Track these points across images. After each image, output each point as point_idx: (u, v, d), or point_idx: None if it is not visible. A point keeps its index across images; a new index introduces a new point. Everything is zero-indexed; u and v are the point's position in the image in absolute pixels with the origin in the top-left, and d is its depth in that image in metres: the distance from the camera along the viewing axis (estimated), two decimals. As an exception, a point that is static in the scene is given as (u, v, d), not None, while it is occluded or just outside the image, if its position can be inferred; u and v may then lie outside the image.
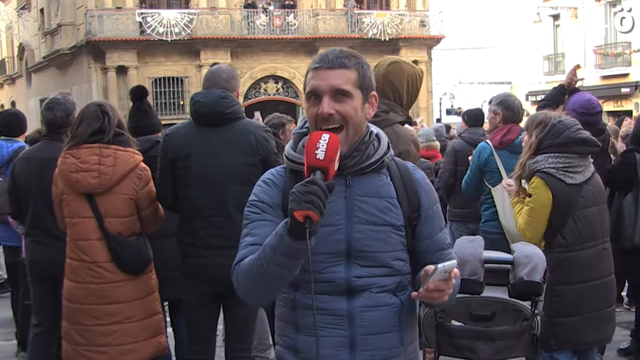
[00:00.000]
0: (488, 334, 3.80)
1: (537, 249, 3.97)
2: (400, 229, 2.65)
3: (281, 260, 2.40)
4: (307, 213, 2.28)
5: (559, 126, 4.71)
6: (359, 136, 2.64)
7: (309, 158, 2.38)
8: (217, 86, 4.79)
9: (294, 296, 2.63)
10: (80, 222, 4.75)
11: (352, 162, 2.61)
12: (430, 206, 2.75)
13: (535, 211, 4.69)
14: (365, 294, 2.60)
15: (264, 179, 2.73)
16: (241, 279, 2.56)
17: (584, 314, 4.65)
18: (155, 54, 34.38)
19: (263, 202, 2.65)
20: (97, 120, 4.73)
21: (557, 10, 38.77)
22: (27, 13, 43.29)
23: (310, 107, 2.62)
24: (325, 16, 36.13)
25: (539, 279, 3.71)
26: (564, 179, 4.61)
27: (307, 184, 2.31)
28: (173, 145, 4.73)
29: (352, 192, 2.62)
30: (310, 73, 2.64)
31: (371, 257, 2.60)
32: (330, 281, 2.58)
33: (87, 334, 4.72)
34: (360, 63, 2.65)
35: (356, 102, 2.60)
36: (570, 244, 4.65)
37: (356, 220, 2.60)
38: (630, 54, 34.75)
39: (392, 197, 2.66)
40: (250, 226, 2.63)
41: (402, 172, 2.75)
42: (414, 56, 37.73)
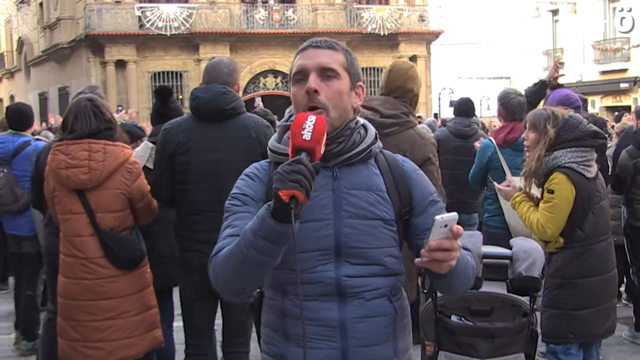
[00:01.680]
0: (487, 331, 3.80)
1: (535, 244, 3.97)
2: (391, 224, 2.52)
3: (262, 245, 2.24)
4: (293, 192, 2.14)
5: (572, 121, 4.76)
6: (343, 121, 2.53)
7: (294, 139, 2.25)
8: (218, 80, 4.76)
9: (282, 303, 2.49)
10: (72, 218, 4.74)
11: (338, 148, 2.50)
12: (424, 198, 2.60)
13: (559, 207, 4.70)
14: (358, 301, 2.45)
15: (247, 172, 2.63)
16: (218, 269, 2.41)
17: (595, 307, 4.72)
18: (154, 49, 34.36)
19: (246, 195, 2.54)
20: (95, 117, 4.72)
21: (556, 5, 38.75)
22: (26, 7, 43.30)
23: (297, 90, 2.52)
24: (324, 11, 36.11)
25: (537, 274, 3.71)
26: (585, 173, 4.68)
27: (293, 163, 2.18)
28: (172, 140, 4.70)
29: (339, 185, 2.49)
30: (298, 56, 2.56)
31: (362, 253, 2.47)
32: (319, 281, 2.43)
33: (82, 330, 4.71)
34: (348, 51, 2.58)
35: (343, 84, 2.51)
36: (590, 237, 4.72)
37: (345, 214, 2.47)
38: (629, 49, 34.73)
39: (381, 190, 2.54)
40: (230, 218, 2.51)
41: (391, 164, 2.63)
42: (413, 51, 37.80)
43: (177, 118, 4.98)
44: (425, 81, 38.97)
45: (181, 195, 4.73)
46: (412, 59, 37.87)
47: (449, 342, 3.87)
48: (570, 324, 4.69)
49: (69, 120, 4.75)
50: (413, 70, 4.91)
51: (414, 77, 4.85)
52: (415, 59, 38.22)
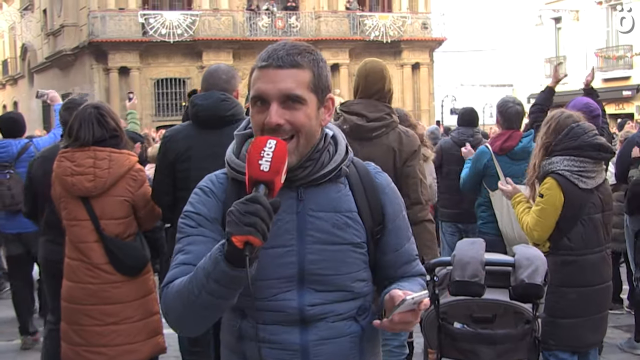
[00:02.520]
0: (490, 337, 3.79)
1: (538, 251, 3.96)
2: (361, 246, 2.31)
3: (215, 289, 2.03)
4: (248, 238, 1.93)
5: (577, 130, 4.74)
6: (312, 145, 2.26)
7: (251, 169, 2.01)
8: (216, 87, 4.76)
9: (240, 325, 2.28)
10: (77, 225, 4.75)
11: (305, 172, 2.26)
12: (397, 215, 2.43)
13: (546, 212, 4.74)
14: (321, 323, 2.26)
15: (201, 186, 2.39)
16: (169, 305, 2.19)
17: (584, 317, 4.72)
18: (157, 55, 34.44)
19: (199, 214, 2.30)
20: (100, 125, 4.73)
21: (558, 13, 38.79)
22: (29, 14, 43.42)
23: (255, 114, 2.23)
24: (327, 18, 36.17)
25: (540, 281, 3.70)
26: (577, 183, 4.66)
27: (248, 203, 1.95)
28: (173, 148, 4.71)
29: (304, 207, 2.26)
30: (256, 72, 2.25)
31: (328, 280, 2.25)
32: (281, 310, 2.23)
33: (85, 335, 4.72)
34: (316, 60, 2.27)
35: (310, 109, 2.22)
36: (576, 248, 4.71)
37: (309, 239, 2.24)
38: (631, 57, 34.76)
39: (351, 211, 2.31)
40: (183, 241, 2.28)
41: (363, 177, 2.40)
42: (415, 58, 37.87)
43: (177, 125, 4.99)
44: (428, 89, 39.06)
45: (182, 202, 4.72)
46: (415, 67, 37.98)
47: (451, 349, 3.86)
48: (553, 331, 4.68)
49: (74, 127, 4.76)
50: (387, 70, 4.97)
51: (389, 77, 4.95)
52: (418, 67, 38.30)
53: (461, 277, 3.72)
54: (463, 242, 4.08)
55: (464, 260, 3.77)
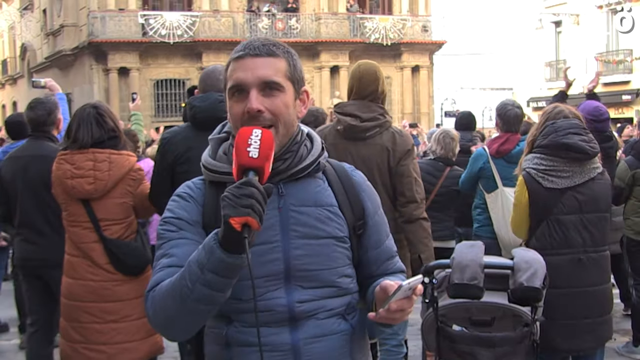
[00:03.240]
0: (488, 340, 3.79)
1: (537, 254, 3.96)
2: (344, 241, 2.32)
3: (211, 279, 2.01)
4: (247, 219, 1.92)
5: (550, 128, 4.70)
6: (290, 136, 2.29)
7: (240, 157, 2.02)
8: (213, 88, 4.75)
9: (226, 331, 2.24)
10: (77, 227, 4.76)
11: (284, 165, 2.26)
12: (375, 211, 2.44)
13: (516, 208, 4.79)
14: (311, 321, 2.24)
15: (179, 192, 2.38)
16: (158, 306, 2.16)
17: (550, 320, 4.51)
18: (157, 56, 34.44)
19: (180, 218, 2.28)
20: (98, 126, 4.72)
21: (559, 16, 38.82)
22: (29, 13, 43.41)
23: (234, 105, 2.25)
24: (327, 20, 36.18)
25: (538, 284, 3.70)
26: (542, 182, 4.61)
27: (243, 186, 1.96)
28: (171, 150, 4.69)
29: (286, 202, 2.26)
30: (232, 64, 2.28)
31: (314, 276, 2.25)
32: (270, 310, 2.20)
33: (84, 332, 4.72)
34: (290, 52, 2.31)
35: (288, 97, 2.25)
36: (541, 248, 4.53)
37: (293, 235, 2.24)
38: (631, 61, 34.78)
39: (332, 205, 2.32)
40: (165, 246, 2.24)
41: (340, 175, 2.41)
42: (415, 61, 37.89)
43: (175, 127, 4.98)
44: (428, 91, 39.08)
45: None
46: (414, 69, 38.00)
47: (450, 352, 3.86)
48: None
49: (73, 127, 4.76)
50: (380, 71, 5.03)
51: (383, 78, 5.01)
52: (418, 69, 38.32)
53: (460, 280, 3.72)
54: (462, 244, 4.08)
55: (463, 263, 3.77)
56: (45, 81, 7.16)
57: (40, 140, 5.52)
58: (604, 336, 4.82)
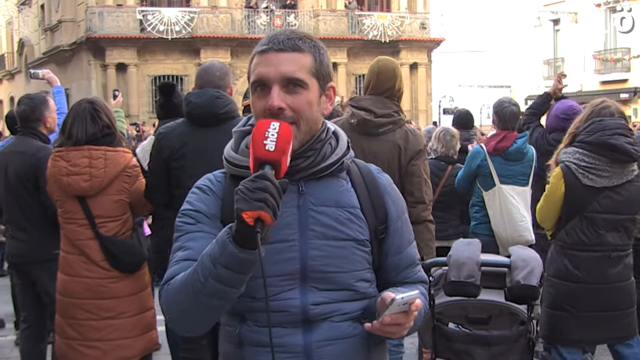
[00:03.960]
0: (484, 339, 3.79)
1: (534, 252, 3.96)
2: (364, 244, 2.23)
3: (223, 274, 1.97)
4: (259, 214, 1.87)
5: (597, 125, 4.67)
6: (314, 134, 2.21)
7: (256, 149, 1.96)
8: (210, 84, 4.74)
9: (239, 330, 2.19)
10: (73, 224, 4.75)
11: (306, 162, 2.19)
12: (399, 216, 2.35)
13: (548, 199, 4.77)
14: (326, 324, 2.17)
15: (199, 185, 2.31)
16: (171, 300, 2.12)
17: (570, 312, 4.67)
18: (155, 52, 34.42)
19: (198, 211, 2.23)
20: (93, 121, 4.71)
21: (557, 14, 38.84)
22: (27, 8, 43.34)
23: (257, 100, 2.18)
24: (325, 17, 36.17)
25: (535, 282, 3.70)
26: (581, 178, 4.61)
27: (257, 179, 1.90)
28: (167, 146, 4.68)
29: (306, 201, 2.19)
30: (256, 58, 2.19)
31: (331, 278, 2.18)
32: (283, 310, 2.14)
33: (80, 329, 4.71)
34: (317, 46, 2.24)
35: (311, 94, 2.17)
36: (571, 242, 4.68)
37: (312, 234, 2.17)
38: (629, 59, 34.82)
39: (354, 207, 2.24)
40: (182, 239, 2.21)
41: (365, 176, 2.33)
42: (414, 58, 37.88)
43: (171, 123, 4.96)
44: (426, 89, 39.09)
45: (177, 200, 4.70)
46: (413, 67, 37.99)
47: (446, 350, 3.86)
48: (545, 320, 4.75)
49: (68, 123, 4.75)
50: (399, 69, 4.99)
51: (401, 76, 4.96)
52: (416, 67, 38.31)
53: (457, 278, 3.72)
54: (459, 242, 4.08)
55: (459, 261, 3.77)
56: (43, 73, 7.07)
57: (25, 136, 5.50)
58: (623, 329, 4.85)
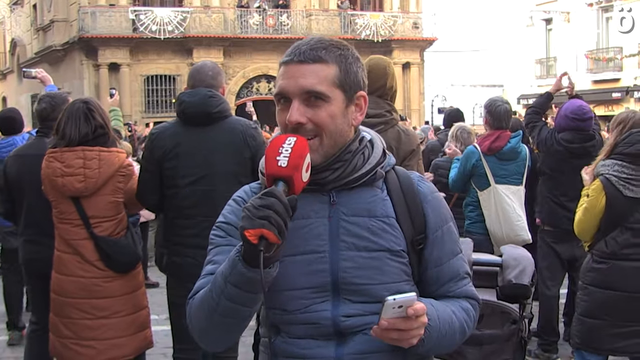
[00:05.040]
0: (476, 338, 3.79)
1: (525, 251, 3.97)
2: (400, 255, 2.15)
3: (233, 293, 1.95)
4: (262, 232, 1.83)
5: (635, 136, 4.70)
6: (341, 146, 2.14)
7: (268, 165, 1.94)
8: (203, 83, 4.75)
9: (274, 340, 2.16)
10: (67, 224, 4.75)
11: (334, 175, 2.14)
12: (439, 226, 2.24)
13: (588, 212, 4.77)
14: (359, 337, 2.11)
15: (235, 197, 2.26)
16: (193, 316, 2.13)
17: (608, 320, 4.71)
18: (147, 52, 34.32)
19: (229, 223, 2.18)
20: (86, 121, 4.70)
21: (549, 14, 38.87)
22: (19, 8, 43.19)
23: (279, 113, 2.14)
24: (318, 17, 36.14)
25: (527, 281, 3.71)
26: (622, 190, 4.63)
27: (263, 197, 1.87)
28: (160, 145, 4.68)
29: (337, 211, 2.13)
30: (281, 69, 2.15)
31: (365, 290, 2.11)
32: (314, 322, 2.10)
33: (74, 328, 4.73)
34: (344, 55, 2.17)
35: (334, 107, 2.10)
36: (611, 252, 4.72)
37: (343, 245, 2.11)
38: (621, 59, 34.86)
39: (388, 216, 2.16)
40: (212, 252, 2.19)
41: (404, 183, 2.24)
42: (406, 58, 37.88)
43: (164, 123, 4.97)
44: (419, 88, 39.08)
45: (170, 200, 4.72)
46: (405, 66, 37.98)
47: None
48: (579, 329, 4.80)
49: (61, 123, 4.74)
50: (391, 67, 4.91)
51: (393, 74, 4.88)
52: (408, 66, 38.31)
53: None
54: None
55: (451, 260, 3.77)
56: (36, 72, 7.05)
57: (46, 137, 5.41)
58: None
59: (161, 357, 6.59)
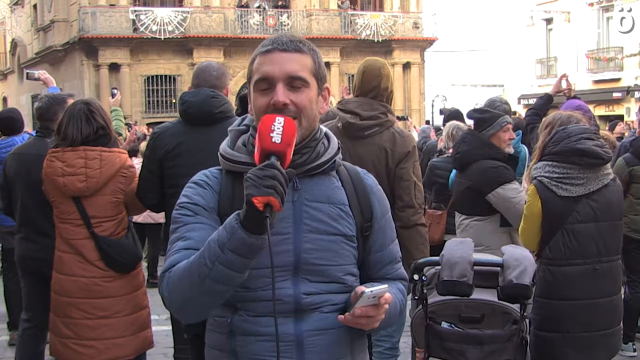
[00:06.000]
0: (477, 338, 3.79)
1: (526, 251, 3.96)
2: (352, 240, 2.37)
3: (232, 259, 2.07)
4: (269, 199, 1.99)
5: (561, 134, 4.56)
6: (311, 131, 2.35)
7: (263, 141, 2.09)
8: (207, 84, 4.75)
9: (231, 320, 2.28)
10: (68, 223, 4.75)
11: (302, 159, 2.31)
12: (383, 215, 2.49)
13: (528, 219, 4.62)
14: (315, 314, 2.29)
15: (195, 179, 2.42)
16: (173, 287, 2.21)
17: (561, 333, 4.48)
18: (148, 52, 34.35)
19: (196, 204, 2.32)
20: (88, 122, 4.70)
21: (550, 14, 38.86)
22: (20, 9, 43.23)
23: (259, 97, 2.31)
24: (318, 16, 36.15)
25: (528, 282, 3.71)
26: (556, 190, 4.47)
27: (266, 168, 2.03)
28: (161, 145, 4.69)
29: (300, 197, 2.31)
30: (259, 58, 2.34)
31: (322, 271, 2.30)
32: (277, 299, 2.19)
33: (75, 328, 4.73)
34: (314, 50, 2.39)
35: (312, 92, 2.33)
36: (555, 258, 4.50)
37: (305, 228, 2.29)
38: (622, 58, 34.86)
39: (343, 204, 2.37)
40: (181, 229, 2.30)
41: (353, 177, 2.47)
42: (407, 58, 37.90)
43: (166, 122, 4.97)
44: (419, 88, 39.10)
45: (170, 199, 4.71)
46: (405, 66, 38.01)
47: (439, 349, 3.86)
48: (536, 344, 4.51)
49: (63, 124, 4.75)
50: (386, 68, 4.90)
51: (388, 75, 4.87)
52: (409, 66, 38.33)
53: (449, 277, 3.72)
54: (452, 241, 4.08)
55: (452, 260, 3.77)
56: (39, 73, 7.09)
57: (45, 138, 5.43)
58: (615, 347, 4.71)
59: (162, 357, 6.60)
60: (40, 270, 5.35)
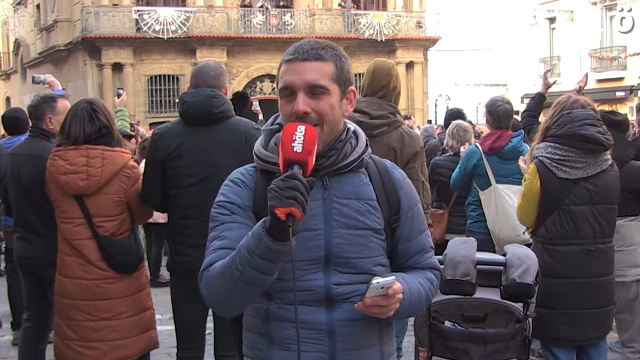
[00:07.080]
0: (480, 337, 3.80)
1: (529, 250, 3.98)
2: (380, 233, 2.50)
3: (259, 264, 2.21)
4: (290, 210, 2.11)
5: (565, 117, 4.65)
6: (335, 134, 2.47)
7: (285, 151, 2.20)
8: (205, 83, 4.75)
9: (267, 306, 2.44)
10: (70, 223, 4.75)
11: (329, 161, 2.44)
12: (411, 208, 2.59)
13: (525, 196, 4.75)
14: (346, 305, 2.41)
15: (232, 178, 2.54)
16: (211, 286, 2.37)
17: (556, 309, 4.60)
18: (151, 52, 34.37)
19: (233, 202, 2.46)
20: (91, 122, 4.71)
21: (553, 13, 38.86)
22: (23, 8, 43.27)
23: (284, 104, 2.43)
24: (321, 16, 36.15)
25: (531, 280, 3.72)
26: (555, 172, 4.58)
27: (287, 179, 2.14)
28: (162, 145, 4.69)
29: (330, 194, 2.45)
30: (284, 66, 2.45)
31: (352, 263, 2.43)
32: (309, 289, 2.39)
33: (78, 330, 4.73)
34: (338, 55, 2.48)
35: (333, 99, 2.42)
36: (551, 237, 4.64)
37: (335, 224, 2.43)
38: (625, 57, 34.85)
39: (372, 199, 2.50)
40: (218, 229, 2.45)
41: (381, 171, 2.59)
42: (410, 57, 37.88)
43: (167, 123, 4.97)
44: (422, 88, 39.08)
45: (173, 200, 4.72)
46: (409, 65, 37.99)
47: (442, 348, 3.87)
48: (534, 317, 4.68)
49: (66, 123, 4.77)
50: (395, 69, 4.96)
51: (397, 75, 4.93)
52: (412, 65, 38.31)
53: (452, 276, 3.73)
54: (455, 241, 4.09)
55: (455, 259, 3.78)
56: (45, 77, 7.17)
57: (37, 138, 5.47)
58: (606, 326, 4.84)
59: (165, 356, 6.60)
60: (35, 270, 5.37)
